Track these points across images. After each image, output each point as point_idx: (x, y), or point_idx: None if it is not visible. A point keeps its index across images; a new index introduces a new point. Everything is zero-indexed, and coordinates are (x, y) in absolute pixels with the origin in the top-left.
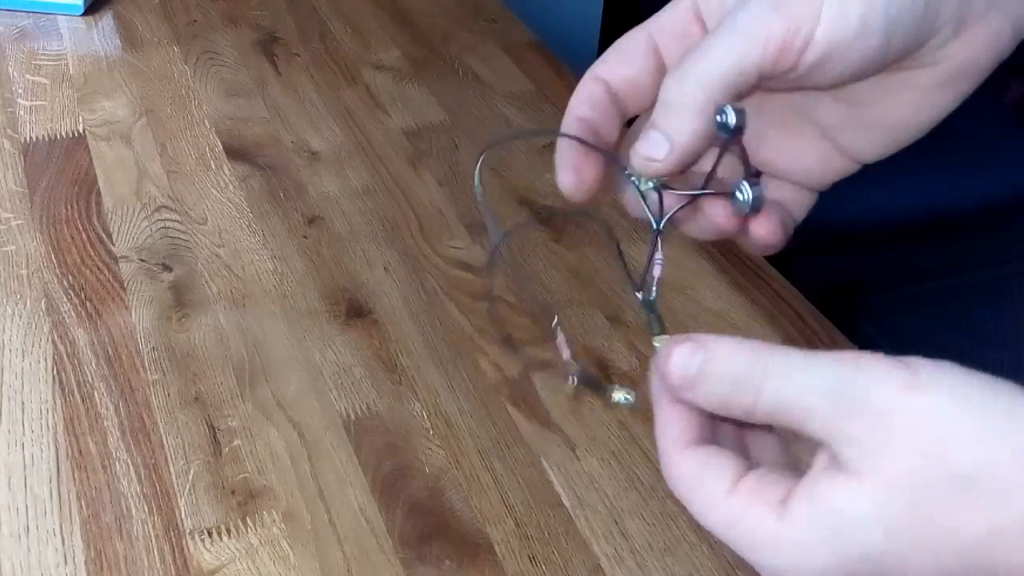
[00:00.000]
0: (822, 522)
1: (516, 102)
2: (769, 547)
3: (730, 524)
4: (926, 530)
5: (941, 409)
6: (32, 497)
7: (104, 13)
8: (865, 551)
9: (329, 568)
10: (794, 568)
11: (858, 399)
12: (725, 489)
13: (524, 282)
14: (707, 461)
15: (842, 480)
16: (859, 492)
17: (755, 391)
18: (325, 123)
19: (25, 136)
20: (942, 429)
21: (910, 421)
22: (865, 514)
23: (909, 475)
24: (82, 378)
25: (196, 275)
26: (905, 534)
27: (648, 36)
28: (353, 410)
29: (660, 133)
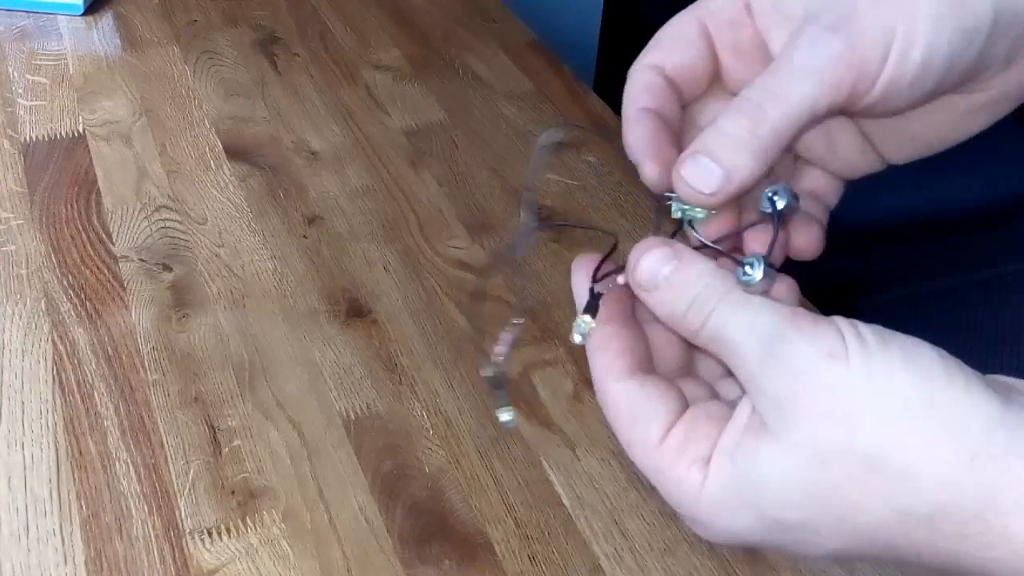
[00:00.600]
0: (742, 483)
1: (516, 102)
2: (691, 503)
3: (657, 472)
4: (835, 500)
5: (855, 382)
6: (32, 497)
7: (104, 13)
8: (780, 515)
9: (329, 568)
10: (714, 525)
11: (781, 355)
12: (656, 438)
13: (520, 281)
14: (640, 400)
15: (764, 441)
16: (776, 455)
17: (704, 316)
18: (325, 123)
19: (25, 136)
20: (852, 403)
21: (824, 389)
22: (781, 477)
23: (821, 444)
24: (82, 378)
25: (196, 275)
26: (816, 501)
27: (698, 21)
28: (353, 410)
29: (716, 164)
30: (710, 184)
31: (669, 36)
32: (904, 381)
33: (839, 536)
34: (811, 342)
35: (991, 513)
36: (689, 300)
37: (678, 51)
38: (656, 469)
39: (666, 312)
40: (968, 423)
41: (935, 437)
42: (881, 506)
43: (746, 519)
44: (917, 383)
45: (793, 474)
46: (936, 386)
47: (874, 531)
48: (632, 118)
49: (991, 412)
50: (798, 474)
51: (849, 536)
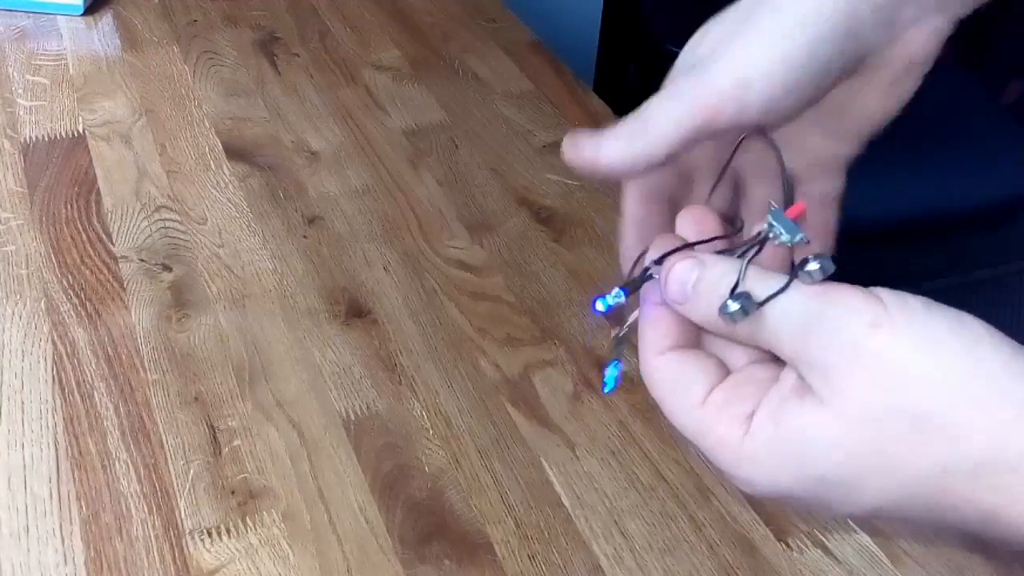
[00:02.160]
0: (784, 444)
1: (516, 102)
2: (733, 459)
3: (700, 433)
4: (880, 459)
5: (903, 348)
6: (32, 497)
7: (104, 13)
8: (822, 472)
9: (329, 568)
10: (756, 480)
11: (827, 331)
12: (698, 399)
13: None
14: (682, 368)
15: (808, 405)
16: (821, 419)
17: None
18: (325, 123)
19: (25, 136)
20: (902, 368)
21: (874, 357)
22: (825, 439)
23: (868, 407)
24: (82, 378)
25: (196, 275)
26: (861, 460)
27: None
28: (353, 410)
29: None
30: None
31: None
32: (949, 346)
33: (881, 492)
34: (852, 313)
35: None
36: (720, 301)
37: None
38: (698, 429)
39: (702, 318)
40: (1013, 386)
41: (980, 398)
42: (926, 462)
43: (786, 477)
44: (962, 348)
45: (840, 437)
46: (982, 352)
47: (917, 486)
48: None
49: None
50: (845, 436)
51: (892, 492)
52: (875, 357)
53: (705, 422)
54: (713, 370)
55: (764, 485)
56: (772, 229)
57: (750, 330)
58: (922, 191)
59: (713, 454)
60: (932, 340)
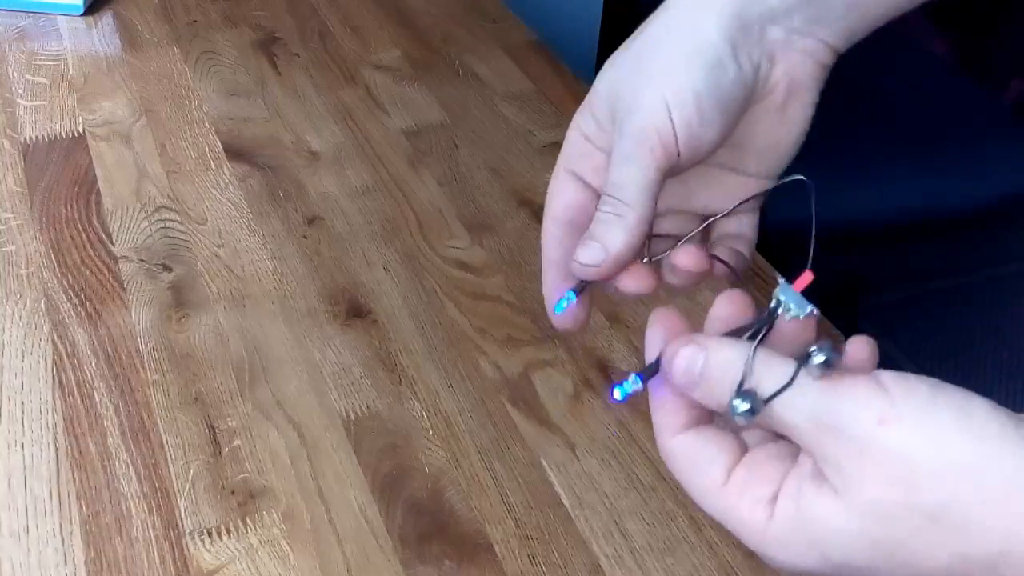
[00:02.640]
0: (806, 530)
1: (516, 102)
2: (759, 540)
3: (724, 512)
4: (900, 551)
5: (913, 444)
6: (32, 497)
7: (104, 13)
8: (844, 559)
9: (329, 568)
10: (782, 561)
11: (837, 426)
12: (719, 479)
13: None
14: (700, 449)
15: (826, 494)
16: (839, 509)
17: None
18: (325, 123)
19: (25, 136)
20: (913, 464)
21: (883, 453)
22: (845, 531)
23: (882, 503)
24: (82, 378)
25: (196, 275)
26: (881, 551)
27: (569, 172)
28: (353, 410)
29: (598, 243)
30: (592, 257)
31: (553, 190)
32: (958, 439)
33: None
34: (861, 408)
35: None
36: (728, 387)
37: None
38: (723, 510)
39: (715, 404)
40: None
41: (991, 492)
42: (945, 554)
43: (813, 558)
44: (970, 440)
45: (859, 528)
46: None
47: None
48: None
49: None
50: (863, 528)
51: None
52: (885, 453)
53: (729, 503)
54: (730, 448)
55: (791, 564)
56: (781, 304)
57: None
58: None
59: (739, 535)
60: (940, 431)
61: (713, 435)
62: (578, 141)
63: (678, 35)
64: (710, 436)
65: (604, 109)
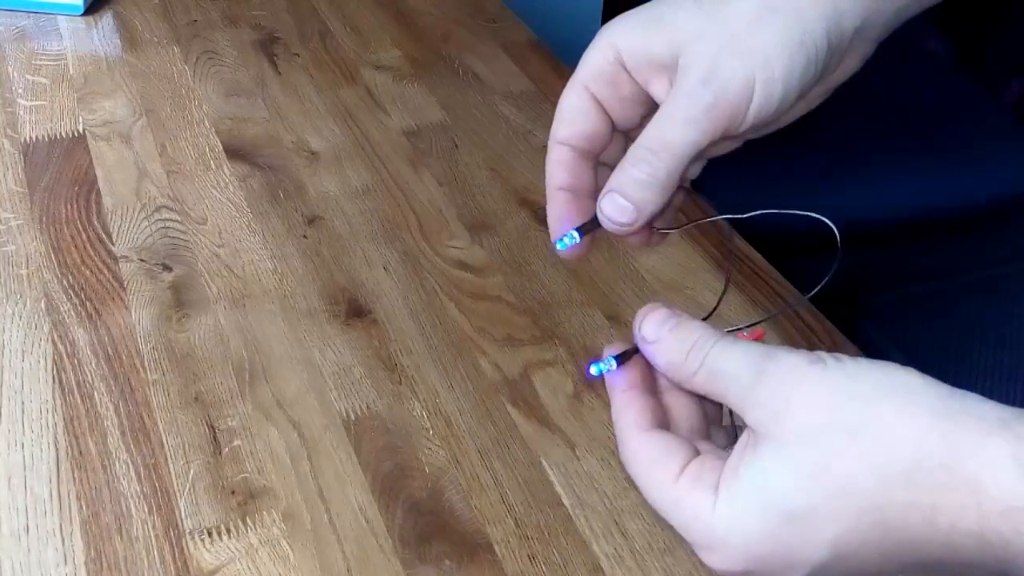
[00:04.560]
0: (748, 490)
1: (516, 102)
2: (706, 525)
3: (674, 504)
4: (827, 479)
5: (834, 376)
6: (32, 497)
7: (104, 13)
8: (785, 508)
9: (329, 568)
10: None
11: (771, 370)
12: (674, 474)
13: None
14: (660, 448)
15: (761, 447)
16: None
17: (703, 356)
18: (325, 123)
19: (25, 136)
20: (832, 392)
21: (809, 385)
22: (779, 472)
23: (810, 428)
24: (82, 378)
25: (196, 275)
26: (812, 484)
27: (586, 91)
28: (353, 410)
29: (628, 202)
30: (625, 217)
31: (569, 110)
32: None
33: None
34: (795, 355)
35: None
36: (689, 346)
37: (580, 123)
38: (673, 502)
39: (667, 359)
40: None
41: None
42: (864, 471)
43: (754, 524)
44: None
45: (790, 461)
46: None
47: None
48: (550, 197)
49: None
50: (794, 459)
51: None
52: (812, 385)
53: (679, 495)
54: (686, 449)
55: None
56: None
57: (706, 379)
58: (922, 191)
59: (687, 528)
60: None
61: (672, 437)
62: (609, 62)
63: (784, 21)
64: (669, 437)
65: (663, 49)
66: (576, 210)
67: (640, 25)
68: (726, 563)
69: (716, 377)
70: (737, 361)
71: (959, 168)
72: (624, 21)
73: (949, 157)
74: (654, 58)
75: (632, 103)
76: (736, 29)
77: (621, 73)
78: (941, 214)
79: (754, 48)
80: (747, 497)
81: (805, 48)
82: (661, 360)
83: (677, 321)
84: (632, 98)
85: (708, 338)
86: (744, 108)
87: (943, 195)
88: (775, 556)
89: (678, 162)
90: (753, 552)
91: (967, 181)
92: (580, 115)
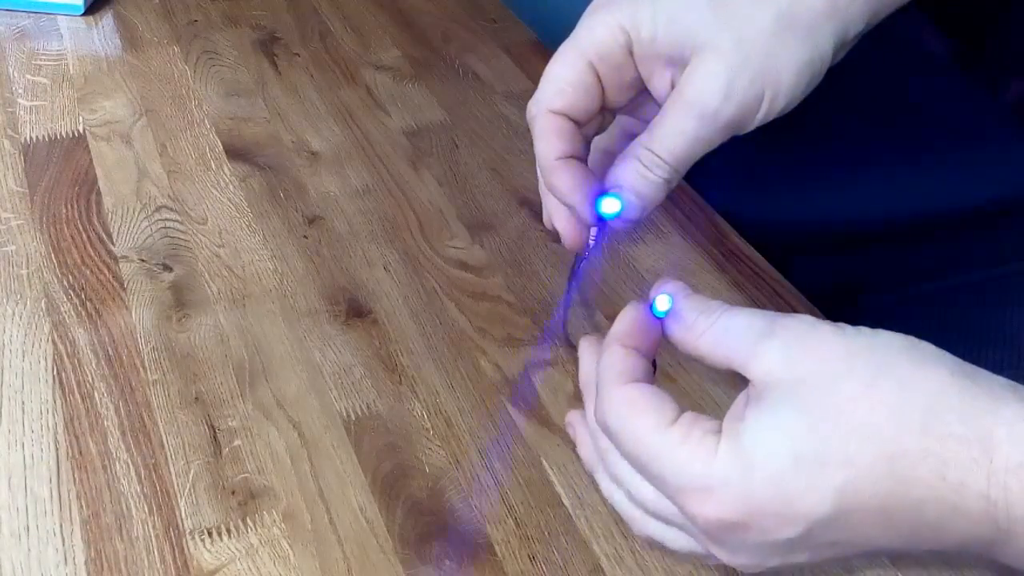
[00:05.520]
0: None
1: (516, 102)
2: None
3: (671, 451)
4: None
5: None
6: (32, 497)
7: (104, 13)
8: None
9: (329, 568)
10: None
11: (783, 322)
12: (667, 421)
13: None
14: (649, 396)
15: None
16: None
17: (712, 320)
18: (325, 123)
19: (25, 136)
20: (851, 344)
21: (824, 336)
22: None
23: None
24: (82, 378)
25: (196, 275)
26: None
27: (589, 65)
28: (353, 410)
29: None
30: (633, 214)
31: (567, 82)
32: (892, 336)
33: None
34: (803, 317)
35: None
36: (699, 311)
37: (579, 97)
38: (669, 448)
39: (680, 326)
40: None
41: (922, 364)
42: (879, 417)
43: (760, 463)
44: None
45: (802, 404)
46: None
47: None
48: (555, 169)
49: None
50: (807, 403)
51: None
52: (830, 335)
53: (672, 442)
54: (675, 402)
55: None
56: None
57: (714, 338)
58: (922, 191)
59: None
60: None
61: (660, 390)
62: (619, 45)
63: (798, 41)
64: (657, 390)
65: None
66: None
67: (651, 16)
68: (721, 508)
69: (725, 334)
70: (748, 318)
71: (959, 168)
72: (633, 5)
73: (949, 157)
74: (662, 54)
75: (629, 88)
76: (752, 46)
77: (627, 58)
78: (941, 214)
79: (767, 68)
80: (754, 439)
81: (812, 66)
82: (672, 330)
83: (691, 292)
84: (631, 84)
85: (721, 305)
86: (750, 121)
87: (943, 195)
88: (775, 505)
89: (686, 168)
90: (754, 497)
91: (967, 181)
92: (580, 88)
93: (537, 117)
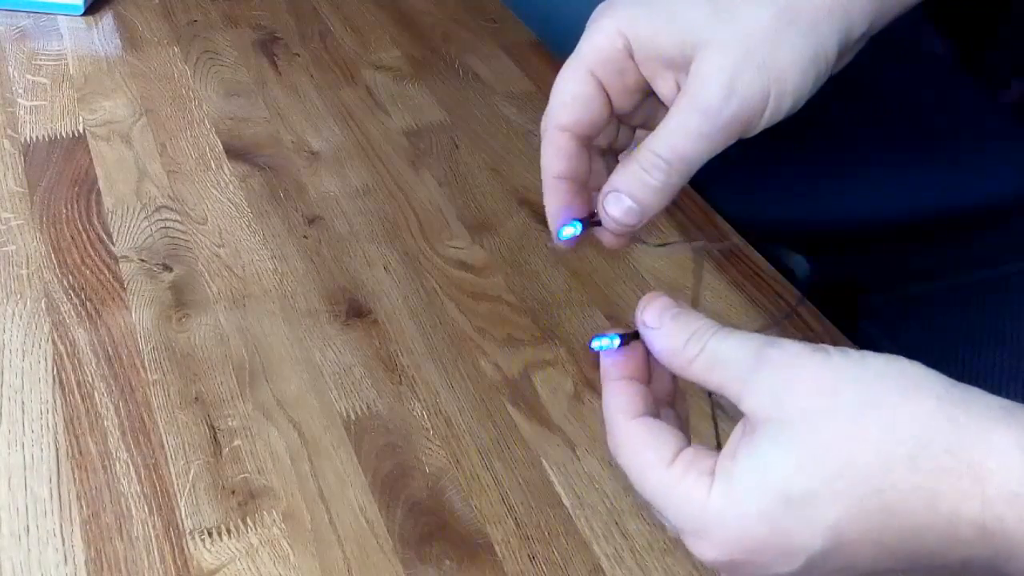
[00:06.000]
0: (742, 473)
1: (516, 102)
2: (699, 511)
3: (667, 489)
4: (829, 459)
5: (837, 362)
6: (32, 497)
7: (104, 13)
8: (784, 490)
9: (329, 568)
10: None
11: (772, 356)
12: (667, 459)
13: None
14: (655, 433)
15: (760, 432)
16: (773, 434)
17: (702, 344)
18: (325, 123)
19: (25, 136)
20: (835, 377)
21: (811, 369)
22: (775, 453)
23: (807, 411)
24: (82, 378)
25: (196, 275)
26: (813, 465)
27: (592, 75)
28: (353, 410)
29: (635, 204)
30: (632, 219)
31: (572, 96)
32: (880, 361)
33: (836, 503)
34: (798, 344)
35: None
36: (689, 333)
37: (584, 110)
38: (666, 486)
39: (666, 344)
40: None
41: (909, 394)
42: (867, 453)
43: (752, 506)
44: (892, 364)
45: (790, 443)
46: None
47: (864, 484)
48: (549, 187)
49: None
50: (795, 441)
51: (845, 502)
52: (814, 371)
53: (673, 479)
54: (679, 437)
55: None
56: None
57: (705, 365)
58: (922, 191)
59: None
60: (865, 359)
61: (665, 425)
62: (617, 49)
63: (800, 36)
64: (663, 425)
65: (674, 49)
66: (578, 200)
67: (649, 17)
68: (718, 550)
69: (716, 363)
70: (737, 347)
71: (959, 168)
72: (631, 9)
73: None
74: (663, 54)
75: (634, 92)
76: (754, 41)
77: (628, 62)
78: (941, 214)
79: (771, 63)
80: (745, 480)
81: (817, 63)
82: (660, 346)
83: (679, 310)
84: (635, 88)
85: (708, 327)
86: (757, 121)
87: (943, 195)
88: (770, 543)
89: (690, 171)
90: (749, 536)
91: (967, 181)
92: (584, 101)
93: (544, 132)
